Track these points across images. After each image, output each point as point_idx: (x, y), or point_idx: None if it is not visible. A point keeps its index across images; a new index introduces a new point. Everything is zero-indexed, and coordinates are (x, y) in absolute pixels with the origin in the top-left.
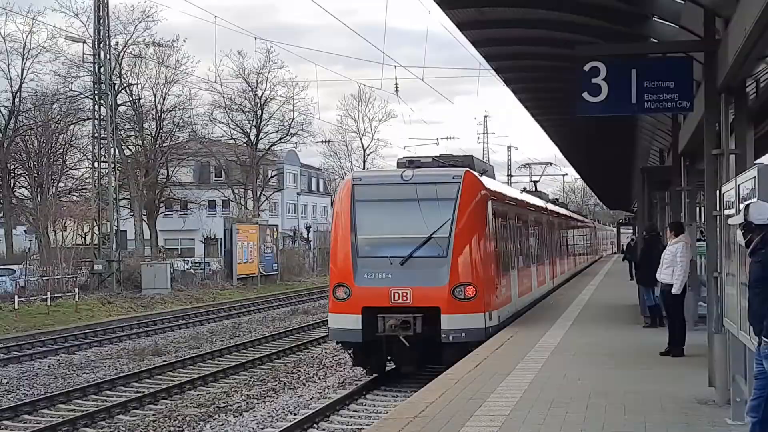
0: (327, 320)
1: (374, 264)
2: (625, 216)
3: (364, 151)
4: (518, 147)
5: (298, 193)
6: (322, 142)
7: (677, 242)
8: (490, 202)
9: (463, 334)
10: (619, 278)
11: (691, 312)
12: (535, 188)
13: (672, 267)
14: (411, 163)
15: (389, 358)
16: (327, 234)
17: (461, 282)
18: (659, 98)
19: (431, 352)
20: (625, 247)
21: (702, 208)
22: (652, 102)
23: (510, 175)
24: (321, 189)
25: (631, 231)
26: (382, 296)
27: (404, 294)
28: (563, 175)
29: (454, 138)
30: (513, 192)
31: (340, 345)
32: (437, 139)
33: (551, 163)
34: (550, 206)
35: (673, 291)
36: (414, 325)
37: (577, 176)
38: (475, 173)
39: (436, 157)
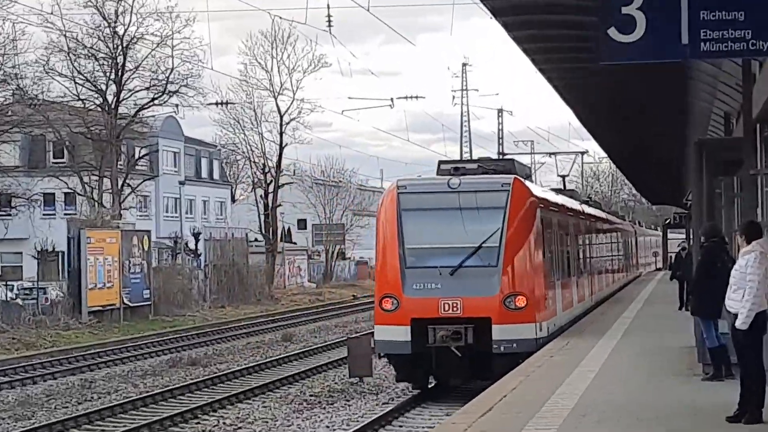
0: (223, 375)
1: (423, 274)
2: (674, 214)
3: (282, 117)
4: (513, 111)
5: (181, 182)
6: (217, 104)
7: (749, 251)
8: (538, 210)
9: (515, 345)
10: (665, 307)
11: None
12: (564, 186)
13: (742, 289)
14: (456, 170)
15: (433, 373)
16: (226, 243)
17: (512, 292)
18: (723, 36)
19: (481, 363)
20: (672, 260)
21: None
22: (713, 42)
23: (502, 153)
24: (216, 175)
25: (684, 236)
26: (432, 307)
27: (454, 304)
28: (581, 153)
29: (416, 98)
30: (557, 197)
31: (386, 358)
32: (392, 99)
33: (585, 151)
34: (587, 209)
35: (738, 324)
36: (465, 336)
37: (602, 155)
38: (524, 181)
39: (478, 161)
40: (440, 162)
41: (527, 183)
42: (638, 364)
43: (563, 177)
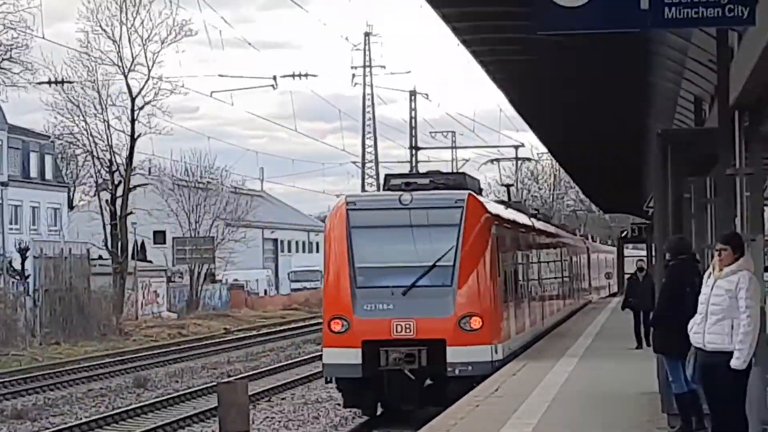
0: None
1: (375, 294)
2: (631, 225)
3: (133, 100)
4: (429, 94)
5: (3, 183)
6: (50, 83)
7: (737, 272)
8: (493, 227)
9: (470, 368)
10: (619, 343)
11: (755, 404)
12: (509, 197)
13: (729, 319)
14: (407, 185)
15: (383, 399)
16: (61, 261)
17: (467, 312)
18: (692, 1)
19: (435, 388)
20: (625, 285)
21: None
22: (680, 7)
23: (415, 147)
24: (49, 175)
25: (645, 252)
26: (384, 328)
27: (407, 326)
28: (515, 148)
29: (306, 76)
30: (509, 213)
31: (333, 382)
32: (274, 78)
33: (521, 145)
34: (537, 224)
35: (734, 364)
36: (419, 358)
37: (542, 150)
38: (478, 197)
39: (428, 175)
40: (387, 176)
41: (481, 199)
42: (588, 416)
43: (508, 186)
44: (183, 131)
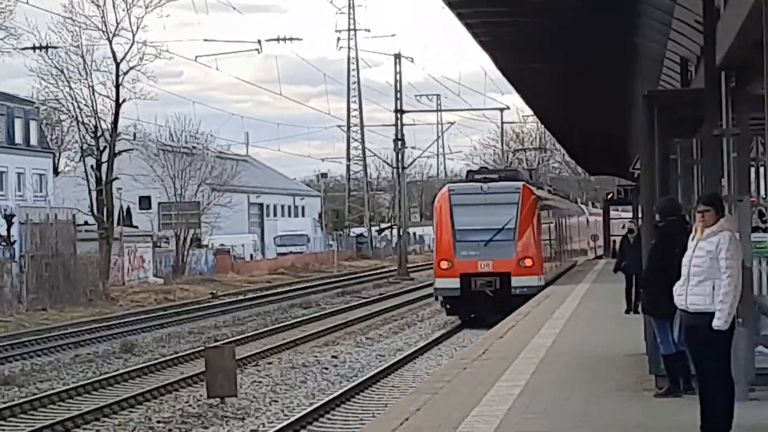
0: (45, 397)
1: (467, 245)
2: (617, 188)
3: (118, 65)
4: (414, 57)
5: None
6: (34, 49)
7: (718, 233)
8: (537, 203)
9: (526, 290)
10: (607, 306)
11: (742, 365)
12: (531, 176)
13: (710, 280)
14: (485, 179)
15: (473, 310)
16: (47, 227)
17: (523, 256)
18: None
19: (503, 301)
20: (616, 246)
21: (764, 169)
22: None
23: (400, 110)
24: (34, 141)
25: (631, 214)
26: (473, 266)
27: (487, 264)
28: (501, 110)
29: (291, 40)
30: (544, 193)
31: (441, 300)
32: (259, 42)
33: (506, 107)
34: (557, 199)
35: (715, 324)
36: (494, 284)
37: (527, 112)
38: (529, 185)
39: (496, 171)
40: (469, 171)
41: (530, 186)
42: (574, 378)
43: (531, 170)
44: (168, 96)
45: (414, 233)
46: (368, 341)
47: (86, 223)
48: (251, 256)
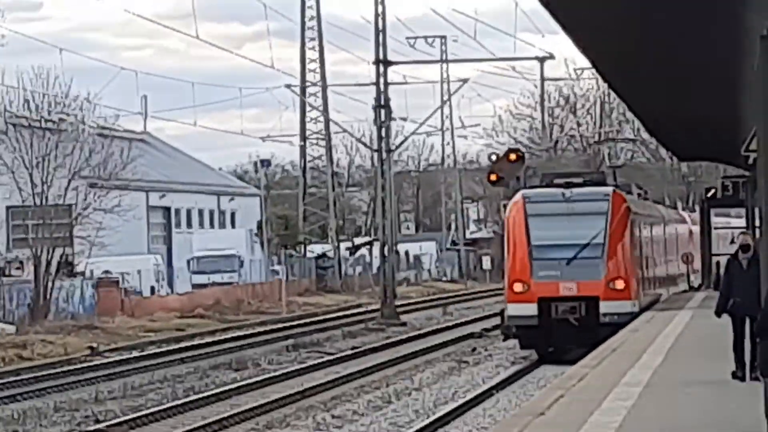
0: None
1: (546, 264)
2: (722, 181)
3: None
4: None
5: None
6: None
7: None
8: (630, 214)
9: (617, 317)
10: (706, 366)
11: None
12: (615, 178)
13: None
14: (567, 184)
15: (552, 342)
16: None
17: (614, 277)
18: None
19: (589, 332)
20: (717, 275)
21: None
22: None
23: (384, 61)
24: None
25: (744, 222)
26: (554, 289)
27: (570, 287)
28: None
29: None
30: (638, 202)
31: (513, 329)
32: None
33: (549, 56)
34: (655, 209)
35: None
36: (579, 310)
37: (583, 64)
38: (619, 191)
39: (579, 175)
40: (545, 174)
41: (621, 192)
42: None
43: (614, 168)
44: (20, 40)
45: (407, 252)
46: (335, 421)
47: None
48: (153, 289)
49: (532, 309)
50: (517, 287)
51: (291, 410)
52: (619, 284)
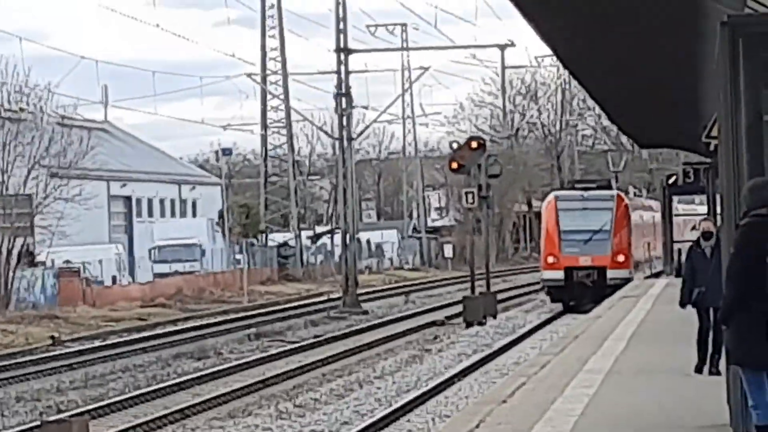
0: None
1: (571, 243)
2: (683, 168)
3: None
4: None
5: None
6: None
7: None
8: (628, 209)
9: (618, 281)
10: (671, 351)
11: None
12: (616, 179)
13: None
14: (585, 189)
15: (573, 298)
16: None
17: (617, 252)
18: None
19: (599, 291)
20: (679, 262)
21: None
22: None
23: (345, 49)
24: None
25: (704, 208)
26: (576, 260)
27: (587, 259)
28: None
29: None
30: (632, 200)
31: (547, 288)
32: None
33: (509, 44)
34: (639, 203)
35: None
36: (593, 276)
37: (545, 52)
38: (621, 193)
39: (594, 182)
40: (570, 181)
41: (622, 194)
42: None
43: (616, 173)
44: None
45: (368, 241)
46: (297, 410)
47: None
48: (114, 278)
49: (560, 274)
50: (550, 259)
51: (253, 399)
52: (620, 258)
